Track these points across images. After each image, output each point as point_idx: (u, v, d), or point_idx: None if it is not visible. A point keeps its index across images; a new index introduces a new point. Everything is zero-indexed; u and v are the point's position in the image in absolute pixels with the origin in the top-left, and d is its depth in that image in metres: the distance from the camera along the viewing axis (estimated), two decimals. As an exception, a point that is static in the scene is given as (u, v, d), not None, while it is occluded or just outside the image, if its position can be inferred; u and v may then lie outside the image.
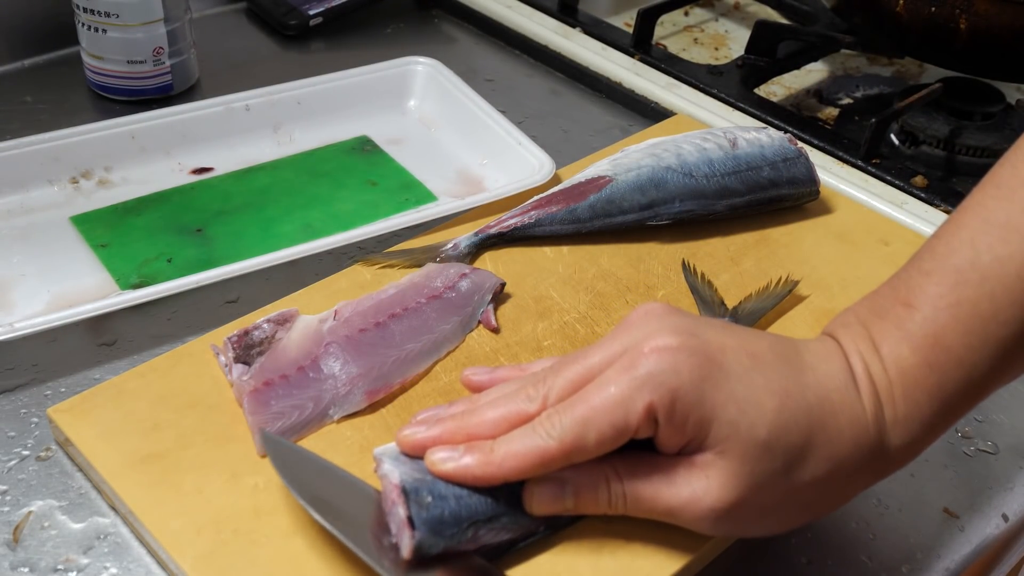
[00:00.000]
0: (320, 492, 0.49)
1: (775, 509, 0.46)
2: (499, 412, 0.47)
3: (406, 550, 0.45)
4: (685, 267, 0.66)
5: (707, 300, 0.63)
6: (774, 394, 0.45)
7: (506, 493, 0.47)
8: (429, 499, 0.45)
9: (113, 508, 0.52)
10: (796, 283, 0.64)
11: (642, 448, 0.47)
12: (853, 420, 0.46)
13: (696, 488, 0.45)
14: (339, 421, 0.54)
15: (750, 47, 0.91)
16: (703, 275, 0.65)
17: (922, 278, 0.47)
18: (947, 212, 0.74)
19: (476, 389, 0.51)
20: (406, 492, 0.45)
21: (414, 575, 0.45)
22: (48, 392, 0.58)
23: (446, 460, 0.46)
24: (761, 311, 0.62)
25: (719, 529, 0.47)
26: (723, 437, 0.45)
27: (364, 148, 0.79)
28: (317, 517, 0.46)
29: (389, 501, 0.46)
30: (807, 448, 0.45)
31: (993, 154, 0.83)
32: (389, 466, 0.47)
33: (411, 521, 0.45)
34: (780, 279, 0.64)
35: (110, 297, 0.61)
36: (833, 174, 0.77)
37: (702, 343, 0.46)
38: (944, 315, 0.45)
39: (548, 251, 0.67)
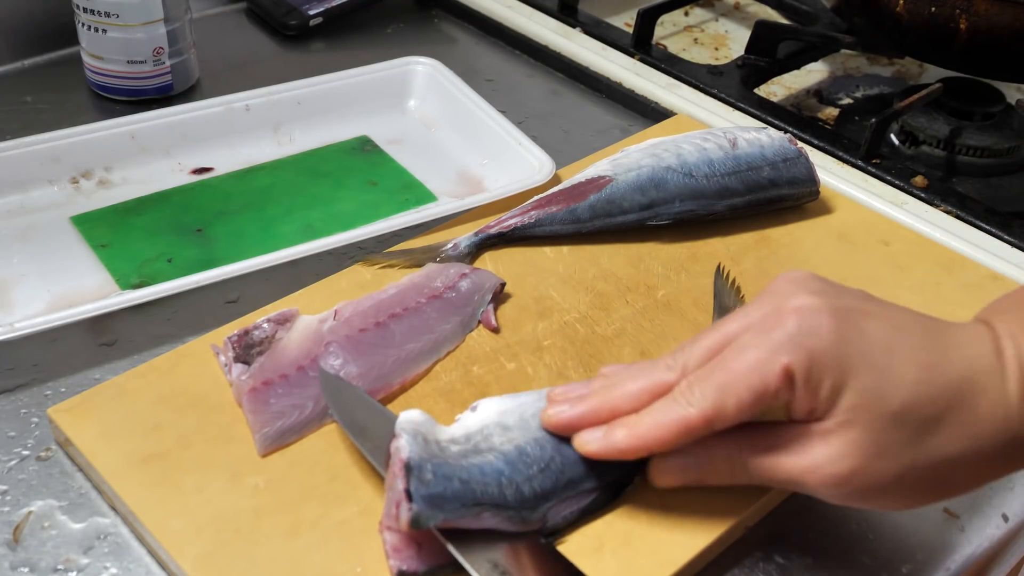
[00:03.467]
0: (362, 423, 0.52)
1: (899, 481, 0.45)
2: (639, 384, 0.47)
3: (403, 522, 0.45)
4: (718, 273, 0.65)
5: (725, 308, 0.62)
6: (914, 366, 0.44)
7: (514, 489, 0.47)
8: (431, 476, 0.46)
9: (113, 508, 0.52)
10: None
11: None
12: (996, 403, 0.44)
13: (816, 456, 0.45)
14: (339, 421, 0.55)
15: (750, 47, 0.91)
16: (734, 281, 0.64)
17: None
18: (947, 212, 0.74)
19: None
20: (409, 468, 0.45)
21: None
22: (48, 392, 0.58)
23: (592, 440, 0.47)
24: None
25: (844, 498, 0.46)
26: (852, 405, 0.44)
27: (364, 148, 0.79)
28: (357, 443, 0.51)
29: (392, 475, 0.46)
30: (939, 424, 0.44)
31: (993, 154, 0.83)
32: (403, 441, 0.47)
33: (409, 494, 0.45)
34: None
35: (110, 297, 0.61)
36: (833, 174, 0.77)
37: (843, 305, 0.46)
38: None
39: (548, 251, 0.67)
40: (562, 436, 0.49)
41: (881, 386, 0.44)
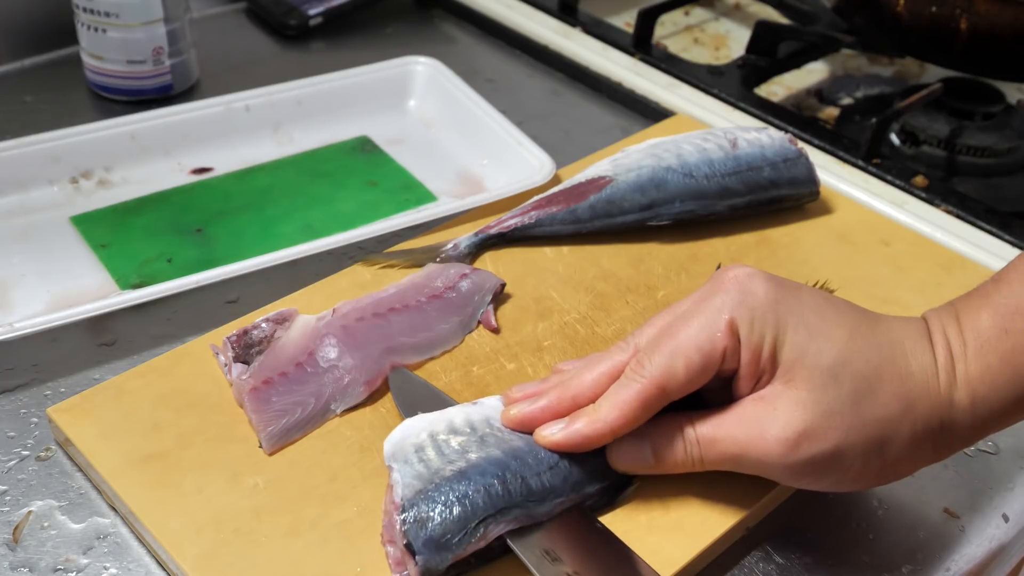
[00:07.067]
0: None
1: (845, 445, 0.46)
2: (597, 370, 0.49)
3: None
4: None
5: None
6: (844, 327, 0.47)
7: (519, 483, 0.47)
8: (427, 512, 0.45)
9: (113, 508, 0.52)
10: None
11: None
12: (924, 367, 0.47)
13: (764, 422, 0.46)
14: (341, 415, 0.54)
15: (750, 47, 0.91)
16: None
17: (1019, 261, 0.49)
18: (948, 212, 0.74)
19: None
20: (406, 518, 0.45)
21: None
22: (48, 392, 0.58)
23: (555, 432, 0.48)
24: None
25: (794, 471, 0.47)
26: (790, 362, 0.46)
27: (364, 148, 0.79)
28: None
29: (390, 513, 0.46)
30: (875, 379, 0.46)
31: (994, 154, 0.83)
32: (397, 475, 0.47)
33: (411, 548, 0.45)
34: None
35: (110, 297, 0.61)
36: (833, 174, 0.77)
37: (777, 277, 0.49)
38: None
39: (548, 251, 0.67)
40: None
41: (816, 342, 0.46)
